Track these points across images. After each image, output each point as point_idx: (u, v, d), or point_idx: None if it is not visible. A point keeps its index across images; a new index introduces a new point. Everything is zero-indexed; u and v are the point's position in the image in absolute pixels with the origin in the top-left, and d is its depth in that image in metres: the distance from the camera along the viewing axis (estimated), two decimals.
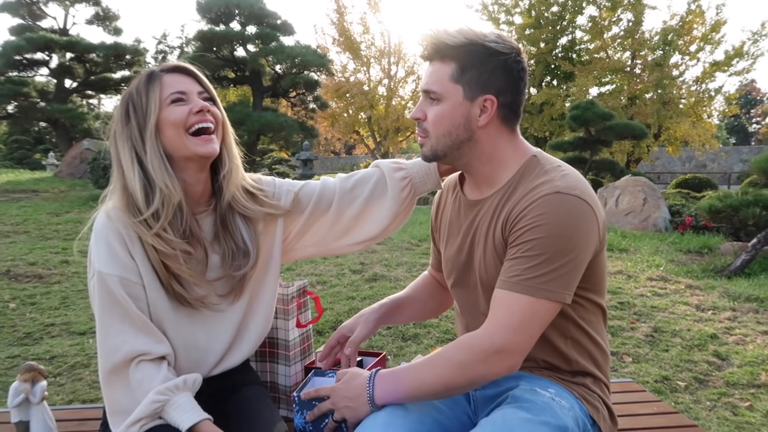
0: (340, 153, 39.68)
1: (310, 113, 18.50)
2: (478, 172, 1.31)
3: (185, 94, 1.28)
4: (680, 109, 19.62)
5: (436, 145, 1.28)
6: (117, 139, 1.28)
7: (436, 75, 1.24)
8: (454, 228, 1.40)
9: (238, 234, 1.37)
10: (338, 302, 4.27)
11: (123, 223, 1.24)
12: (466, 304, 1.40)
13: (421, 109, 1.27)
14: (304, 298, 1.85)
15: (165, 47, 44.05)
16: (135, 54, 17.48)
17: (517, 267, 1.15)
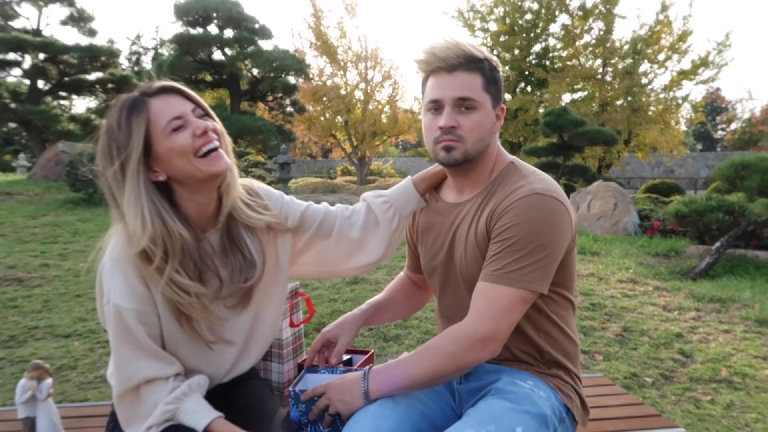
0: (316, 156, 39.61)
1: (287, 117, 18.51)
2: (472, 175, 1.40)
3: (182, 117, 1.21)
4: (649, 116, 20.13)
5: (470, 150, 1.34)
6: (110, 181, 1.20)
7: (470, 84, 1.31)
8: (434, 229, 1.51)
9: (244, 245, 1.37)
10: (320, 304, 4.36)
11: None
12: (449, 301, 1.50)
13: (453, 117, 1.32)
14: (296, 299, 1.96)
15: (139, 48, 43.47)
16: (110, 55, 17.29)
17: (500, 261, 1.26)
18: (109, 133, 1.19)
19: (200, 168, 1.22)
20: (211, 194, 1.30)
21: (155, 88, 1.23)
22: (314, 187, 23.05)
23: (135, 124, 1.17)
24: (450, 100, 1.31)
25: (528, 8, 21.47)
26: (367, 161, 26.22)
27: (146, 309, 1.24)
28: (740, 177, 5.77)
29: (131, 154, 1.17)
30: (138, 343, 1.24)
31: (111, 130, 1.19)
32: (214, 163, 1.23)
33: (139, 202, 1.18)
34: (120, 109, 1.20)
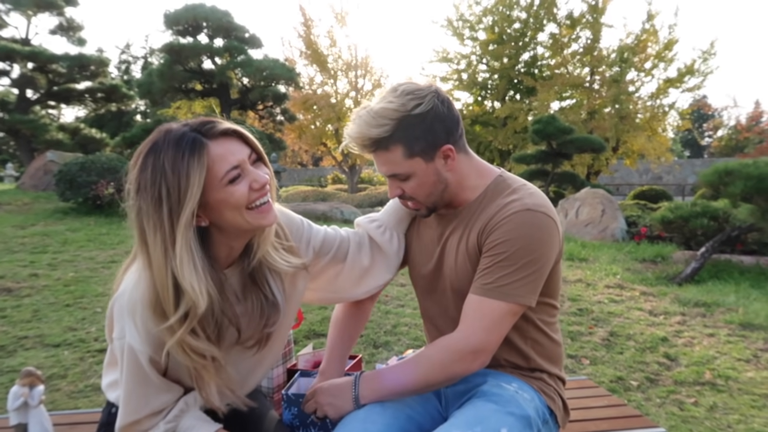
0: (307, 165, 39.62)
1: (278, 126, 18.53)
2: (453, 203, 1.44)
3: (239, 167, 1.12)
4: (636, 123, 20.35)
5: (428, 205, 1.41)
6: (145, 223, 1.08)
7: (391, 161, 1.33)
8: (424, 238, 1.54)
9: (267, 287, 1.30)
10: (310, 311, 4.38)
11: None
12: (435, 308, 1.54)
13: (397, 188, 1.38)
14: None
15: (129, 57, 43.41)
16: (99, 65, 17.26)
17: (491, 275, 1.29)
18: (161, 174, 1.06)
19: (249, 221, 1.15)
20: (245, 239, 1.25)
21: (217, 130, 1.12)
22: (305, 196, 23.04)
23: (194, 171, 1.06)
24: (385, 175, 1.38)
25: (516, 17, 21.71)
26: (358, 169, 26.28)
27: (157, 358, 1.18)
28: (724, 183, 5.86)
29: (186, 205, 1.06)
30: (150, 381, 1.20)
31: (163, 171, 1.06)
32: (264, 216, 1.17)
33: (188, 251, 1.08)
34: (176, 149, 1.07)
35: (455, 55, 22.81)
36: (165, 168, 1.06)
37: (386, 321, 4.18)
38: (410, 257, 1.59)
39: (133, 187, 1.09)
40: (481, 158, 1.49)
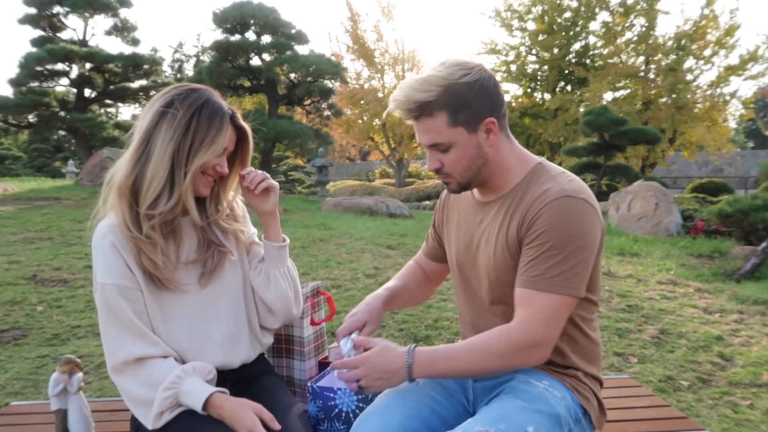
0: (355, 159, 39.85)
1: (324, 120, 18.69)
2: (489, 182, 1.41)
3: (225, 150, 1.43)
4: (695, 113, 19.55)
5: (462, 181, 1.38)
6: (164, 130, 1.35)
7: (435, 129, 1.31)
8: (462, 225, 1.52)
9: (214, 233, 1.53)
10: (352, 305, 4.39)
11: (116, 233, 1.36)
12: (468, 295, 1.51)
13: (436, 160, 1.36)
14: (317, 298, 1.99)
15: (181, 56, 44.67)
16: (152, 64, 17.79)
17: (539, 266, 1.25)
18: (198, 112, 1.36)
19: (196, 181, 1.42)
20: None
21: (239, 122, 1.46)
22: (353, 190, 23.23)
23: (223, 134, 1.39)
24: (425, 145, 1.35)
25: (567, 6, 21.19)
26: (405, 163, 26.27)
27: (127, 284, 1.35)
28: None
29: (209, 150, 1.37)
30: (121, 321, 1.34)
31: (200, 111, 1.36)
32: (206, 186, 1.45)
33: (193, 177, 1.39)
34: (217, 108, 1.39)
35: (504, 47, 22.49)
36: (203, 111, 1.37)
37: (428, 315, 4.14)
38: (449, 242, 1.58)
39: (166, 98, 1.38)
40: (531, 150, 1.45)
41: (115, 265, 1.34)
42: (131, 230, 1.34)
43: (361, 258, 6.22)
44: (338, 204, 11.20)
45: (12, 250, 6.14)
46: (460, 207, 1.56)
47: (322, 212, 10.80)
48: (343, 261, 6.04)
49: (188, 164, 1.36)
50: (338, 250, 6.63)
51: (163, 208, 1.35)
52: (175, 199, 1.36)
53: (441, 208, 1.66)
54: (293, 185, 24.99)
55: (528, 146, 21.82)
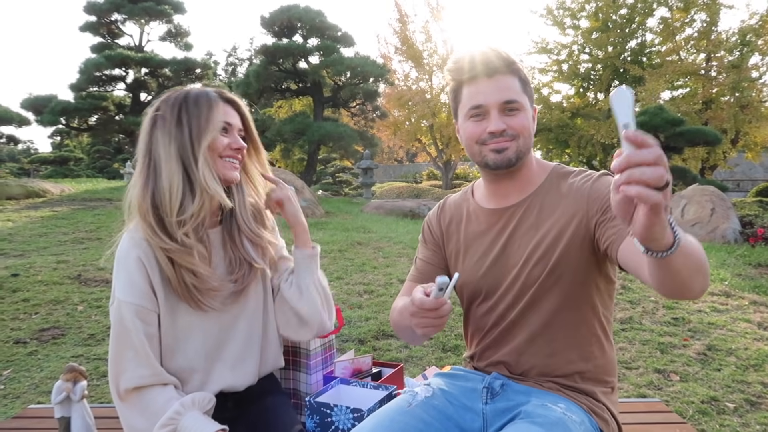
0: (402, 161, 39.86)
1: (370, 123, 18.73)
2: (518, 178, 1.39)
3: (231, 126, 1.39)
4: (760, 112, 18.53)
5: (522, 148, 1.34)
6: (160, 137, 1.33)
7: (512, 87, 1.32)
8: (473, 239, 1.44)
9: (242, 248, 1.46)
10: (383, 311, 4.32)
11: (143, 248, 1.31)
12: (490, 315, 1.42)
13: (502, 120, 1.31)
14: None
15: (235, 60, 45.78)
16: (204, 68, 18.31)
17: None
18: (184, 103, 1.35)
19: (219, 167, 1.38)
20: None
21: (227, 96, 1.43)
22: (399, 192, 23.19)
23: (213, 111, 1.36)
24: (495, 104, 1.31)
25: (623, 3, 20.49)
26: (453, 165, 26.05)
27: (146, 305, 1.31)
28: None
29: (208, 131, 1.34)
30: (131, 342, 1.30)
31: (185, 102, 1.35)
32: (229, 169, 1.40)
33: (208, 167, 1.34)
34: (199, 93, 1.38)
35: (555, 45, 21.93)
36: (188, 100, 1.35)
37: (457, 324, 4.03)
38: (465, 263, 1.47)
39: (152, 108, 1.38)
40: (583, 152, 1.44)
41: (138, 283, 1.31)
42: (164, 240, 1.30)
43: (397, 263, 6.14)
44: (380, 207, 11.18)
45: (62, 249, 6.37)
46: (467, 223, 1.48)
47: (364, 215, 10.79)
48: (379, 266, 5.98)
49: (196, 153, 1.33)
50: (375, 254, 6.57)
51: (193, 209, 1.31)
52: (199, 195, 1.32)
53: (437, 225, 1.56)
54: (340, 187, 25.17)
55: (580, 147, 21.22)
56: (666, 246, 0.85)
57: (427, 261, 1.56)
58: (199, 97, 1.37)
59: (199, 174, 1.32)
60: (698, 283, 0.96)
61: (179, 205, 1.30)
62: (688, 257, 0.91)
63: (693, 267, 0.93)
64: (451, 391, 1.40)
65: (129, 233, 1.35)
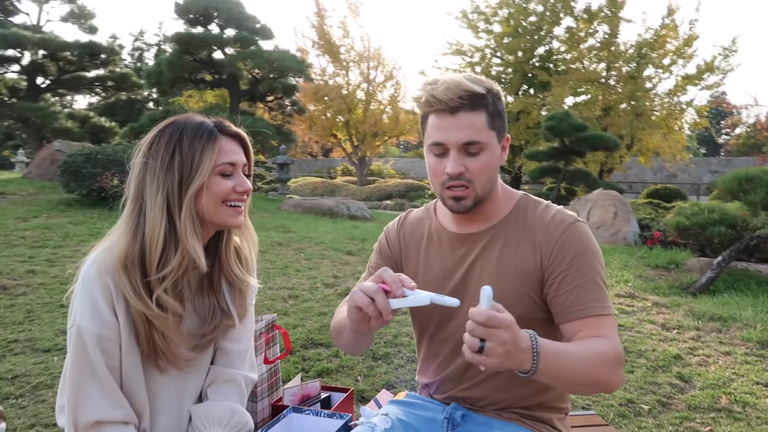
0: (317, 156, 39.54)
1: (287, 118, 18.41)
2: (482, 211, 1.34)
3: (234, 166, 1.27)
4: (652, 120, 20.01)
5: (480, 193, 1.28)
6: (148, 182, 1.22)
7: (475, 125, 1.23)
8: (434, 261, 1.41)
9: (222, 295, 1.37)
10: (309, 318, 4.25)
11: (114, 278, 1.19)
12: (448, 344, 1.39)
13: (460, 164, 1.24)
14: (272, 333, 1.86)
15: (142, 45, 43.43)
16: (110, 53, 17.20)
17: (588, 293, 1.23)
18: (178, 143, 1.22)
19: (222, 214, 1.27)
20: (210, 234, 1.34)
21: (231, 131, 1.30)
22: (314, 187, 23.00)
23: (208, 152, 1.23)
24: (455, 144, 1.24)
25: (533, 10, 21.36)
26: (368, 161, 26.16)
27: (108, 335, 1.20)
28: (744, 191, 5.65)
29: (197, 177, 1.21)
30: (93, 373, 1.19)
31: (180, 142, 1.23)
32: (234, 216, 1.29)
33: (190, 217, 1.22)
34: (196, 130, 1.24)
35: (469, 48, 22.55)
36: (183, 140, 1.22)
37: (386, 331, 4.04)
38: (420, 282, 1.41)
39: (144, 146, 1.25)
40: None
41: (103, 311, 1.19)
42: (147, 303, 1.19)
43: (320, 265, 6.08)
44: (298, 205, 11.02)
45: None
46: (428, 242, 1.44)
47: (282, 213, 10.58)
48: (302, 268, 5.89)
49: (182, 200, 1.21)
50: (297, 256, 6.47)
51: (173, 264, 1.20)
52: (181, 249, 1.21)
53: (396, 240, 1.51)
54: (254, 181, 24.57)
55: None
56: (525, 371, 1.03)
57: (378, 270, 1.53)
58: (195, 135, 1.23)
59: (181, 225, 1.21)
60: (583, 392, 1.19)
61: (159, 257, 1.20)
62: (555, 377, 1.08)
63: (569, 382, 1.12)
64: (410, 422, 1.39)
65: (100, 255, 1.22)
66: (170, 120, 1.28)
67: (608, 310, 1.23)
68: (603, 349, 1.15)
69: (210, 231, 1.32)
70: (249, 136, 1.35)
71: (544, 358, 1.02)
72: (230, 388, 1.40)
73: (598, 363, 1.12)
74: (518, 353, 0.99)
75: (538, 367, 1.01)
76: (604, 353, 1.14)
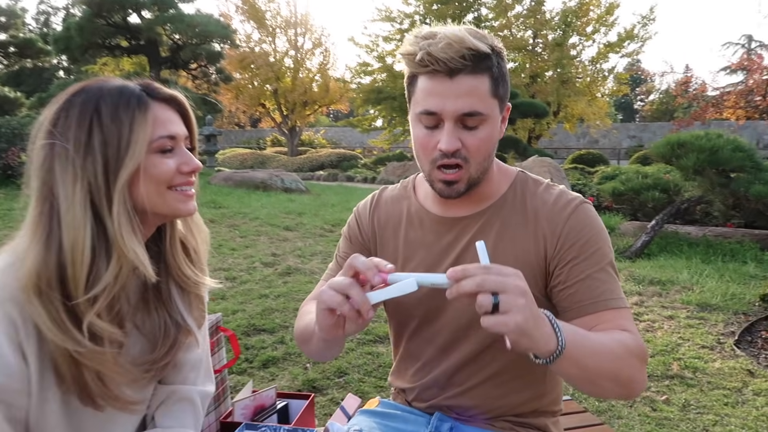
0: (245, 126, 38.37)
1: (212, 86, 17.56)
2: (476, 192, 1.13)
3: (175, 140, 0.97)
4: (577, 87, 20.55)
5: (475, 174, 1.07)
6: (59, 172, 0.89)
7: (476, 93, 1.01)
8: (417, 248, 1.19)
9: (173, 305, 1.07)
10: (250, 302, 3.99)
11: (20, 306, 0.87)
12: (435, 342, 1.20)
13: (456, 137, 1.03)
14: (217, 336, 1.61)
15: (48, 8, 40.26)
16: (11, 16, 15.71)
17: (600, 284, 1.05)
18: (94, 118, 0.91)
19: (168, 201, 0.98)
20: (152, 229, 1.04)
21: (164, 93, 0.98)
22: (243, 159, 22.24)
23: (139, 126, 0.92)
24: (452, 115, 1.01)
25: None
26: (298, 131, 25.60)
27: (11, 384, 0.87)
28: (676, 155, 5.77)
29: (128, 161, 0.91)
30: None
31: (98, 116, 0.91)
32: (184, 202, 1.00)
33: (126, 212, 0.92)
34: (119, 97, 0.93)
35: (398, 14, 22.23)
36: (101, 111, 0.91)
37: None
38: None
39: (47, 123, 0.91)
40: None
41: (4, 353, 0.86)
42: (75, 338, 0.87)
43: (257, 242, 5.78)
44: (229, 178, 10.55)
45: None
46: (404, 226, 1.22)
47: (212, 187, 10.09)
48: (237, 246, 5.57)
49: (111, 192, 0.91)
50: (231, 233, 6.13)
51: (107, 277, 0.89)
52: (116, 258, 0.90)
53: (369, 224, 1.28)
54: None
55: None
56: (550, 350, 0.83)
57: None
58: (119, 101, 0.92)
59: (113, 224, 0.90)
60: (607, 390, 0.96)
61: (88, 275, 0.88)
62: (581, 365, 0.89)
63: (594, 374, 0.92)
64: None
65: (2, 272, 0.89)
66: (79, 86, 0.95)
67: (624, 302, 1.06)
68: (628, 342, 0.98)
69: (152, 226, 1.03)
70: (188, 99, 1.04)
71: (568, 335, 0.85)
72: (183, 410, 1.14)
73: (625, 355, 0.95)
74: (539, 317, 0.81)
75: (565, 344, 0.83)
76: (629, 346, 0.97)
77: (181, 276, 1.07)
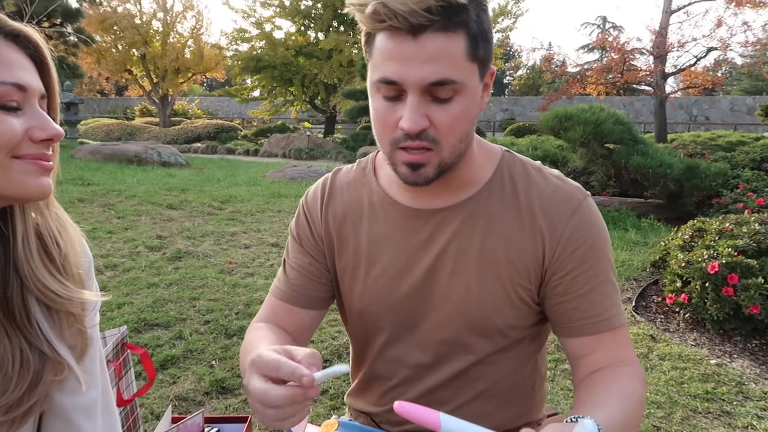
0: (109, 94, 35.33)
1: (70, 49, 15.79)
2: (453, 177, 0.91)
3: (24, 93, 0.70)
4: None
5: (448, 158, 0.84)
6: None
7: (448, 55, 0.77)
8: (384, 247, 0.97)
9: (34, 327, 0.77)
10: (137, 293, 3.54)
11: None
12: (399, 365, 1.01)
13: (422, 113, 0.79)
14: (123, 356, 1.29)
15: None
16: None
17: (604, 301, 0.92)
18: None
19: (12, 175, 0.70)
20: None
21: (9, 27, 0.71)
22: (109, 130, 20.45)
23: None
24: (416, 85, 0.77)
25: None
26: (171, 101, 24.03)
27: None
28: (564, 128, 5.97)
29: None
30: None
31: None
32: (36, 176, 0.72)
33: None
34: None
35: None
36: None
37: (236, 299, 3.51)
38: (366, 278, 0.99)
39: None
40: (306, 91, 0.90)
41: None
42: None
43: (138, 223, 5.21)
44: (97, 151, 9.55)
45: None
46: (366, 219, 0.99)
47: (77, 161, 9.06)
48: (115, 229, 4.98)
49: None
50: (106, 214, 5.48)
51: None
52: None
53: (322, 221, 1.03)
54: None
55: (305, 87, 21.37)
56: None
57: (303, 271, 1.03)
58: None
59: None
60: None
61: None
62: None
63: None
64: None
65: None
66: None
67: (623, 315, 0.95)
68: (636, 389, 0.87)
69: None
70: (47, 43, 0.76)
71: None
72: None
73: (639, 409, 0.87)
74: None
75: None
76: (640, 396, 0.87)
77: (41, 289, 0.77)
